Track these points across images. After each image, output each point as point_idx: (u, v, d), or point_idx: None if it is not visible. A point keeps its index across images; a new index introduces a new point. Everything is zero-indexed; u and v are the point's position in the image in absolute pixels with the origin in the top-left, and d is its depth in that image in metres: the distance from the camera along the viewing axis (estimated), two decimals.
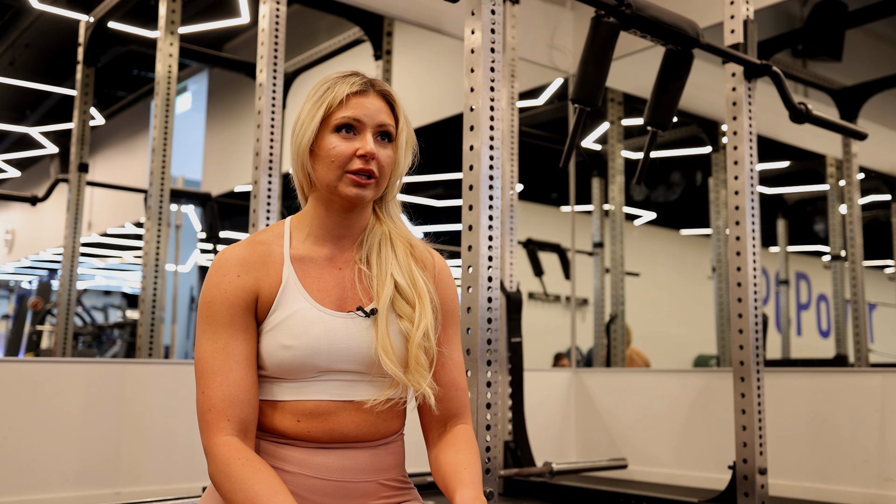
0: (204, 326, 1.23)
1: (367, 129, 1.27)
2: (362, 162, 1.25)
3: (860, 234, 4.35)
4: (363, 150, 1.25)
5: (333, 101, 1.27)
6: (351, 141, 1.26)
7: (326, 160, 1.26)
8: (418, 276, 1.31)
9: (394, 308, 1.28)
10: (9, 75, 7.14)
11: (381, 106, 1.30)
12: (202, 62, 6.27)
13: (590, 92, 2.22)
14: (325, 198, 1.30)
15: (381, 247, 1.32)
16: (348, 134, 1.27)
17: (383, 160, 1.28)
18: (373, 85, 1.30)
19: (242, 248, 1.27)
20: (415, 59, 4.97)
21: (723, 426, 3.42)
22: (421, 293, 1.30)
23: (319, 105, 1.27)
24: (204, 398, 1.20)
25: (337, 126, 1.27)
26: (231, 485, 1.14)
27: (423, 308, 1.28)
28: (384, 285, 1.28)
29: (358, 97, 1.28)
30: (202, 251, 8.94)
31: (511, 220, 3.40)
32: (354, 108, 1.27)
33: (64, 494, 2.66)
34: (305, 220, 1.33)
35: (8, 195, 7.54)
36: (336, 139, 1.26)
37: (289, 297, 1.25)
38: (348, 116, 1.26)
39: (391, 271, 1.29)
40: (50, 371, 2.72)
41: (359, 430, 1.25)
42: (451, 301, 1.38)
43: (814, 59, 4.68)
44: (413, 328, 1.26)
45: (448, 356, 1.34)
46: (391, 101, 1.32)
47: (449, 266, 1.42)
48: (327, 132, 1.27)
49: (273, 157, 2.68)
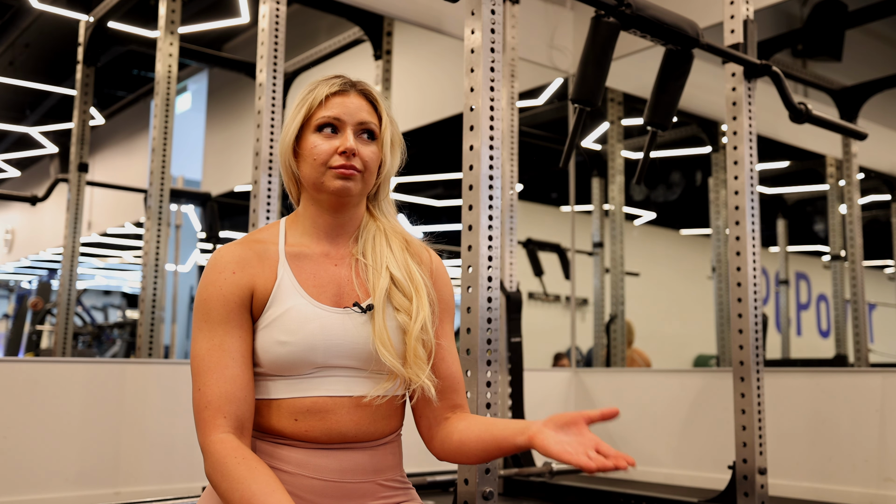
0: (200, 324, 1.23)
1: (348, 127, 1.28)
2: (343, 158, 1.26)
3: (860, 234, 4.34)
4: (343, 146, 1.26)
5: (314, 102, 1.29)
6: (332, 139, 1.28)
7: (309, 159, 1.28)
8: (414, 269, 1.32)
9: (391, 301, 1.28)
10: (9, 75, 7.14)
11: (362, 104, 1.31)
12: (202, 62, 6.27)
13: (590, 92, 2.22)
14: (314, 197, 1.31)
15: (376, 241, 1.33)
16: (331, 133, 1.28)
17: (367, 157, 1.29)
18: (353, 85, 1.32)
19: (238, 247, 1.28)
20: (415, 59, 4.97)
21: (723, 426, 3.42)
22: (418, 286, 1.30)
23: (301, 107, 1.30)
24: (200, 395, 1.20)
25: (318, 126, 1.29)
26: (228, 484, 1.14)
27: (420, 301, 1.29)
28: (380, 277, 1.29)
29: (338, 97, 1.30)
30: (202, 251, 8.94)
31: (511, 220, 3.40)
32: (334, 107, 1.29)
33: (64, 494, 2.66)
34: (299, 220, 1.34)
35: (8, 195, 7.55)
36: (317, 138, 1.28)
37: (284, 294, 1.25)
38: (328, 116, 1.28)
39: (386, 264, 1.30)
40: (50, 371, 2.72)
41: (358, 428, 1.24)
42: (449, 295, 1.39)
43: (814, 59, 4.67)
44: (411, 321, 1.26)
45: (447, 349, 1.35)
46: (373, 100, 1.33)
47: (446, 265, 1.43)
48: (309, 132, 1.29)
49: (273, 157, 2.68)
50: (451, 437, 1.30)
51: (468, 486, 1.81)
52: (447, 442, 1.31)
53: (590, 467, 1.07)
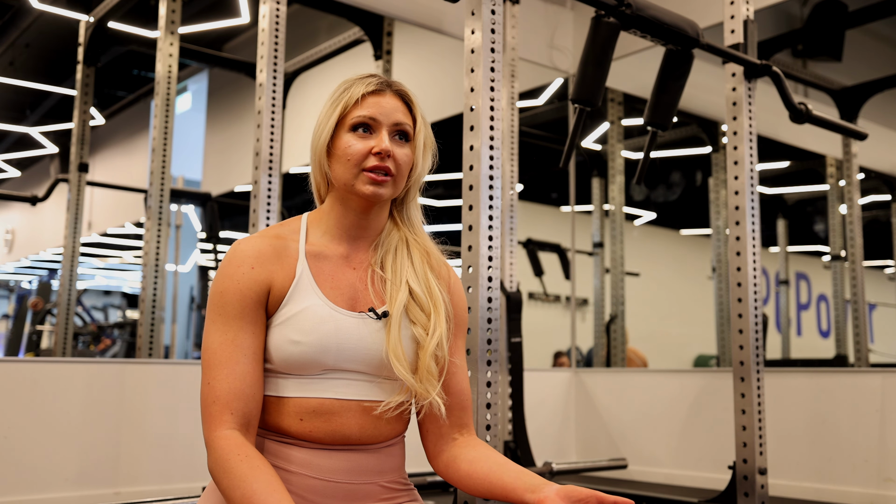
0: (214, 317, 1.22)
1: (383, 128, 1.27)
2: (378, 159, 1.25)
3: (860, 234, 4.34)
4: (378, 147, 1.25)
5: (349, 101, 1.28)
6: (367, 139, 1.27)
7: (343, 158, 1.27)
8: (434, 284, 1.31)
9: (407, 314, 1.27)
10: (9, 75, 7.14)
11: (398, 105, 1.29)
12: (202, 62, 6.27)
13: (590, 92, 2.21)
14: (343, 197, 1.29)
15: (398, 252, 1.32)
16: (365, 133, 1.27)
17: (400, 159, 1.27)
18: (389, 85, 1.31)
19: (258, 241, 1.27)
20: (415, 59, 4.97)
21: (723, 426, 3.42)
22: (437, 302, 1.29)
23: (336, 105, 1.28)
24: (209, 389, 1.19)
25: (353, 125, 1.27)
26: (229, 481, 1.14)
27: (437, 317, 1.28)
28: (399, 290, 1.28)
29: (374, 96, 1.28)
30: (202, 251, 8.93)
31: (511, 220, 3.40)
32: (370, 107, 1.27)
33: (64, 494, 2.66)
34: (322, 218, 1.32)
35: (8, 195, 7.55)
36: (352, 138, 1.27)
37: (301, 293, 1.24)
38: (364, 115, 1.27)
39: (406, 277, 1.29)
40: (50, 371, 2.72)
41: (362, 431, 1.24)
42: (463, 312, 1.38)
43: (814, 59, 4.67)
44: (427, 336, 1.26)
45: (458, 366, 1.34)
46: (408, 101, 1.32)
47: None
48: (343, 131, 1.28)
49: (273, 157, 2.68)
50: (457, 463, 1.30)
51: None
52: (452, 467, 1.31)
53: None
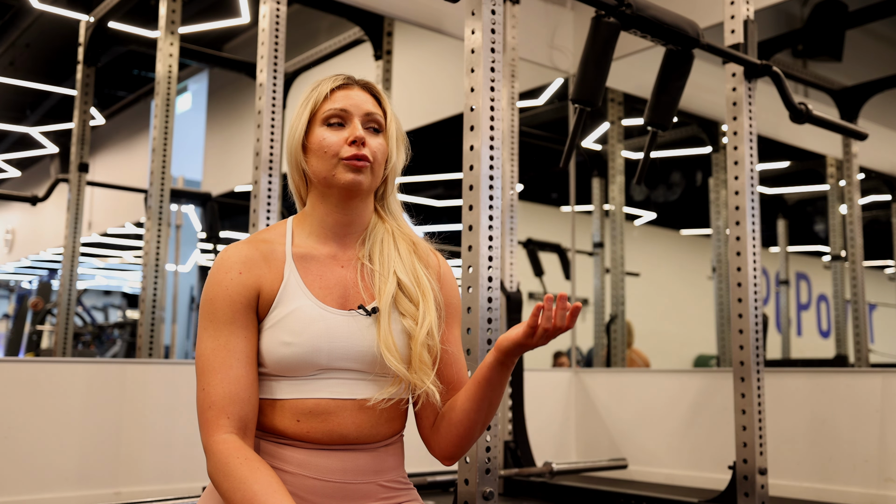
0: (205, 323, 1.23)
1: (355, 118, 1.30)
2: (354, 147, 1.27)
3: (860, 234, 4.34)
4: (353, 135, 1.28)
5: (319, 97, 1.31)
6: (340, 131, 1.29)
7: (319, 152, 1.29)
8: (422, 273, 1.32)
9: (397, 306, 1.28)
10: (9, 75, 7.14)
11: (367, 98, 1.33)
12: (202, 62, 6.27)
13: (590, 92, 2.22)
14: (324, 193, 1.31)
15: (384, 243, 1.33)
16: (338, 126, 1.30)
17: (375, 148, 1.30)
18: (356, 80, 1.35)
19: (244, 246, 1.28)
20: (415, 59, 4.97)
21: (723, 426, 3.42)
22: (425, 291, 1.30)
23: (306, 104, 1.32)
24: (204, 395, 1.20)
25: (325, 119, 1.30)
26: (230, 484, 1.14)
27: (426, 306, 1.29)
28: (387, 282, 1.28)
29: (342, 90, 1.32)
30: (202, 251, 8.94)
31: (511, 220, 3.40)
32: (340, 100, 1.31)
33: (64, 494, 2.66)
34: (306, 219, 1.33)
35: (8, 195, 7.54)
36: (326, 131, 1.29)
37: (290, 295, 1.25)
38: (335, 108, 1.30)
39: (394, 268, 1.30)
40: (50, 371, 2.72)
41: (359, 430, 1.24)
42: (455, 300, 1.39)
43: (814, 59, 4.67)
44: (417, 327, 1.26)
45: (454, 355, 1.34)
46: (376, 94, 1.35)
47: (450, 266, 1.43)
48: (316, 126, 1.30)
49: (273, 157, 2.68)
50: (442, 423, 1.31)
51: (468, 486, 1.81)
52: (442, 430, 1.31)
53: (539, 304, 1.22)
